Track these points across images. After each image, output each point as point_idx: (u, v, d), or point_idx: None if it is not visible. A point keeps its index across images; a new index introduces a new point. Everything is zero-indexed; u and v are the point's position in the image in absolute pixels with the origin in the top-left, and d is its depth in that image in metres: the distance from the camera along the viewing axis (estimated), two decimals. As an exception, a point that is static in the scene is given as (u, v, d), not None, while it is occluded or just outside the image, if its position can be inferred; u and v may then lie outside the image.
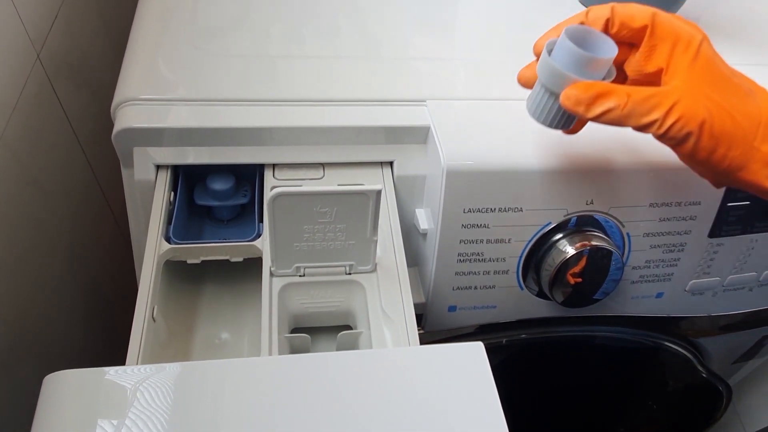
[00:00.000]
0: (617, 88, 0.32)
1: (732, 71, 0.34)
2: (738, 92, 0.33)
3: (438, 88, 0.46)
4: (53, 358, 0.56)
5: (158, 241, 0.38)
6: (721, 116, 0.32)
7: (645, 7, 0.34)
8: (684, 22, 0.34)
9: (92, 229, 0.65)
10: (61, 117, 0.58)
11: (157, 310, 0.36)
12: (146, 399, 0.28)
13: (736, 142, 0.32)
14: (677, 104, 0.32)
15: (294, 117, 0.42)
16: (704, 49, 0.33)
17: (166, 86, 0.43)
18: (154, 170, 0.41)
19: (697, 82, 0.32)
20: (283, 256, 0.37)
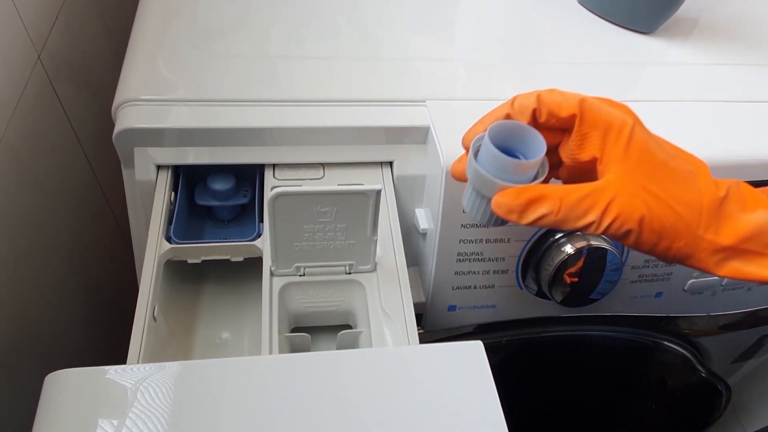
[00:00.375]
0: (549, 193, 0.31)
1: (669, 153, 0.32)
2: (676, 178, 0.31)
3: (438, 89, 0.46)
4: (54, 357, 0.56)
5: (159, 241, 0.38)
6: (661, 209, 0.30)
7: (572, 95, 0.32)
8: (614, 106, 0.32)
9: (93, 230, 0.65)
10: (61, 117, 0.58)
11: (157, 310, 0.36)
12: (147, 398, 0.28)
13: (679, 234, 0.31)
14: (613, 202, 0.30)
15: (294, 117, 0.42)
16: (637, 134, 0.31)
17: (167, 87, 0.43)
18: (154, 170, 0.41)
19: (632, 173, 0.31)
20: (284, 255, 0.37)
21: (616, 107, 0.32)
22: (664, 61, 0.52)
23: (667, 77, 0.51)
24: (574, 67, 0.50)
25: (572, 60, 0.51)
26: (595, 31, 0.54)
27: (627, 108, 0.32)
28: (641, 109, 0.47)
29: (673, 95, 0.49)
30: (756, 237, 0.31)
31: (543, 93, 0.33)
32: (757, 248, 0.31)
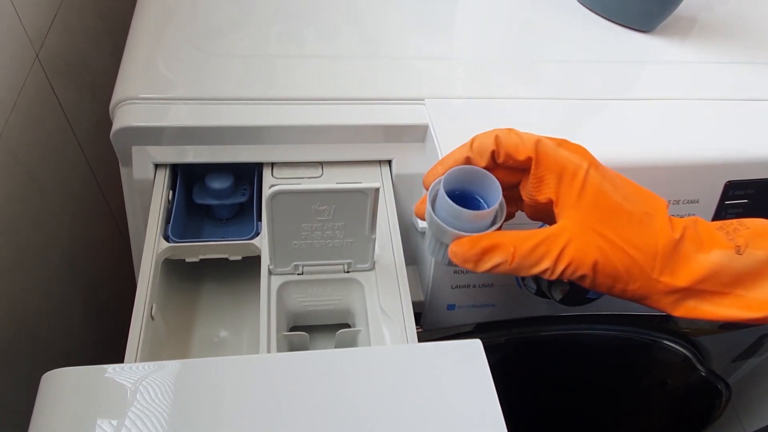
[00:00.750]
0: (502, 243, 0.31)
1: (624, 195, 0.32)
2: (631, 221, 0.31)
3: (436, 87, 0.46)
4: (51, 356, 0.56)
5: (157, 240, 0.38)
6: (615, 254, 0.31)
7: (528, 137, 0.32)
8: (570, 149, 0.32)
9: (91, 228, 0.65)
10: (60, 116, 0.58)
11: (155, 309, 0.36)
12: (145, 397, 0.28)
13: (633, 277, 0.31)
14: (567, 248, 0.31)
15: (292, 116, 0.42)
16: (591, 178, 0.31)
17: (165, 85, 0.43)
18: (152, 169, 0.41)
19: (586, 218, 0.31)
20: (282, 254, 0.37)
21: (572, 149, 0.32)
22: (663, 60, 0.52)
23: (666, 76, 0.51)
24: (572, 66, 0.50)
25: (571, 58, 0.51)
26: (594, 30, 0.54)
27: (583, 150, 0.33)
28: (640, 107, 0.48)
29: (672, 94, 0.49)
30: (711, 277, 0.31)
31: (501, 134, 0.33)
32: (713, 288, 0.32)
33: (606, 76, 0.50)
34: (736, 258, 0.31)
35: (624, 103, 0.47)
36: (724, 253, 0.31)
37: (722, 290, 0.32)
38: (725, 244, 0.32)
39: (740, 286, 0.32)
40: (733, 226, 0.33)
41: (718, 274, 0.31)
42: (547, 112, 0.46)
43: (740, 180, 0.44)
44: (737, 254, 0.31)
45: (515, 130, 0.33)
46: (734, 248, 0.31)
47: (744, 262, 0.31)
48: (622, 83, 0.50)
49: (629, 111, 0.47)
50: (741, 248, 0.31)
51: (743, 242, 0.31)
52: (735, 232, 0.32)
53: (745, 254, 0.31)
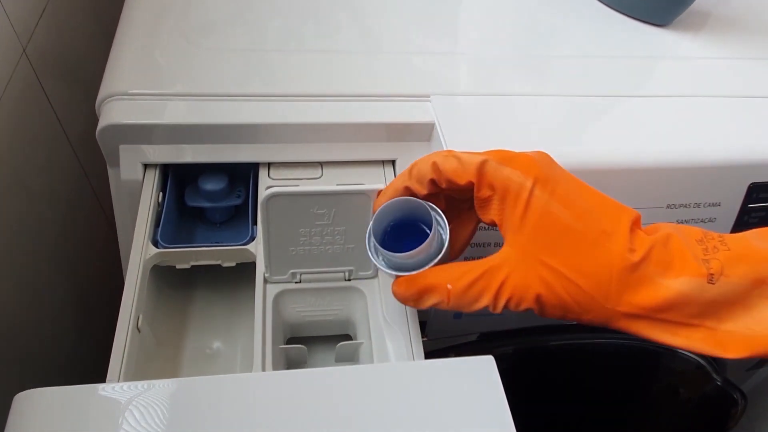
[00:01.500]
0: (437, 283, 0.29)
1: (577, 212, 0.28)
2: (582, 244, 0.28)
3: (443, 83, 0.43)
4: (40, 365, 0.54)
5: (145, 245, 0.36)
6: (561, 285, 0.28)
7: (470, 159, 0.29)
8: (515, 165, 0.29)
9: (83, 232, 0.63)
10: (49, 115, 0.56)
11: (142, 320, 0.33)
12: (128, 421, 0.25)
13: (585, 308, 0.28)
14: (506, 283, 0.28)
15: (290, 113, 0.40)
16: (536, 199, 0.28)
17: (156, 80, 0.40)
18: (141, 169, 0.39)
19: (528, 245, 0.28)
20: (278, 261, 0.34)
21: (518, 165, 0.29)
22: (679, 55, 0.50)
23: (683, 72, 0.48)
24: (584, 61, 0.48)
25: (583, 53, 0.49)
26: (606, 23, 0.52)
27: (530, 164, 0.29)
28: (655, 105, 0.45)
29: (689, 90, 0.46)
30: (676, 307, 0.27)
31: (439, 160, 0.30)
32: (679, 318, 0.28)
33: (619, 72, 0.47)
34: (708, 287, 0.27)
35: (637, 100, 0.45)
36: (694, 282, 0.27)
37: (690, 322, 0.28)
38: (696, 270, 0.27)
39: (711, 317, 0.28)
40: (713, 242, 0.28)
41: (685, 305, 0.27)
42: (558, 110, 0.43)
43: (765, 182, 0.42)
44: (709, 283, 0.27)
45: (455, 153, 0.30)
46: (706, 276, 0.27)
47: (716, 292, 0.27)
48: (636, 79, 0.47)
49: (643, 109, 0.44)
50: (714, 276, 0.27)
51: (717, 268, 0.27)
52: (713, 252, 0.28)
53: (719, 283, 0.27)
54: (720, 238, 0.29)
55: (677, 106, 0.45)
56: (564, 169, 0.31)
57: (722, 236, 0.29)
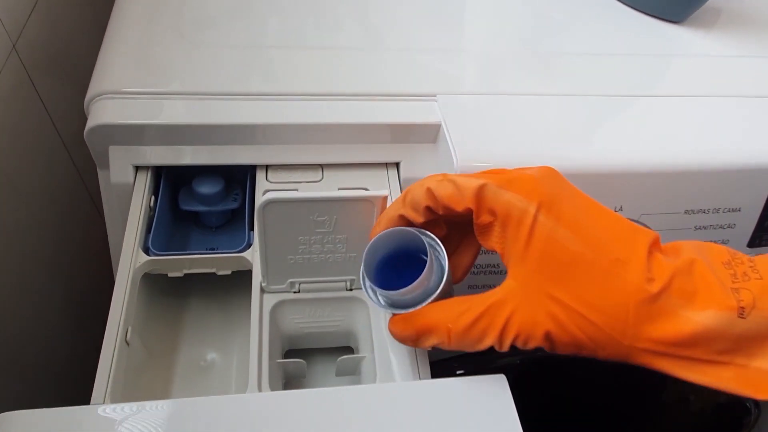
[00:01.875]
0: (436, 324, 0.27)
1: (588, 238, 0.26)
2: (594, 275, 0.25)
3: (450, 82, 0.42)
4: (35, 373, 0.52)
5: (135, 253, 0.34)
6: (572, 321, 0.25)
7: (468, 183, 0.27)
8: (517, 188, 0.26)
9: (78, 235, 0.61)
10: (41, 113, 0.54)
11: (131, 333, 0.31)
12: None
13: (600, 345, 0.25)
14: (512, 320, 0.25)
15: (289, 113, 0.38)
16: (540, 225, 0.25)
17: (147, 78, 0.38)
18: (132, 171, 0.37)
19: (534, 277, 0.25)
20: (276, 270, 0.32)
21: (520, 189, 0.26)
22: (695, 53, 0.48)
23: (700, 70, 0.46)
24: (596, 59, 0.46)
25: (595, 51, 0.47)
26: (618, 20, 0.50)
27: (535, 187, 0.26)
28: (671, 105, 0.43)
29: (707, 90, 0.44)
30: (701, 343, 0.24)
31: (433, 186, 0.27)
32: (705, 356, 0.24)
33: (632, 71, 0.45)
34: (738, 322, 0.24)
35: (652, 100, 0.43)
36: (722, 315, 0.24)
37: (717, 359, 0.25)
38: (725, 302, 0.24)
39: (741, 354, 0.24)
40: (743, 267, 0.25)
41: (712, 340, 0.24)
42: (571, 110, 0.41)
43: (788, 187, 0.40)
44: (740, 317, 0.24)
45: (451, 176, 0.28)
46: (736, 309, 0.24)
47: (747, 326, 0.24)
48: (650, 78, 0.45)
49: (658, 109, 0.42)
50: (746, 310, 0.24)
51: (749, 301, 0.24)
52: (744, 280, 0.25)
53: (751, 317, 0.24)
54: (750, 262, 0.26)
55: (694, 107, 0.43)
56: (572, 187, 0.28)
57: (753, 260, 0.26)
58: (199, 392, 0.34)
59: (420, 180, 0.29)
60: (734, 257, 0.26)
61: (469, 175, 0.27)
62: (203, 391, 0.35)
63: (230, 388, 0.35)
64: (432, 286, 0.27)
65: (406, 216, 0.29)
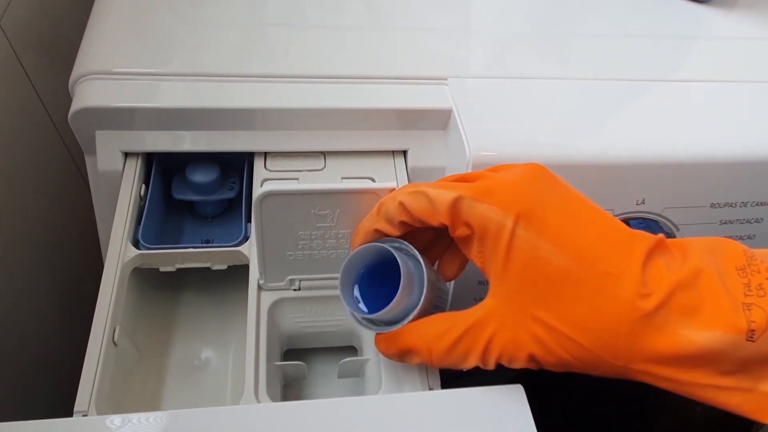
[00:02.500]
0: (416, 345, 0.25)
1: (574, 251, 0.23)
2: (580, 293, 0.23)
3: (461, 65, 0.39)
4: (25, 366, 0.50)
5: (123, 246, 0.32)
6: (558, 343, 0.23)
7: (442, 197, 0.24)
8: (493, 200, 0.24)
9: (72, 223, 0.59)
10: (30, 95, 0.51)
11: (119, 331, 0.29)
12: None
13: (590, 366, 0.23)
14: (493, 341, 0.24)
15: (290, 96, 0.36)
16: (519, 240, 0.23)
17: (137, 58, 0.36)
18: (121, 158, 0.35)
19: (515, 297, 0.23)
20: (274, 266, 0.30)
21: (496, 201, 0.24)
22: (722, 35, 0.45)
23: (726, 54, 0.44)
24: (616, 41, 0.44)
25: (615, 32, 0.44)
26: (640, -1, 0.47)
27: (514, 196, 0.24)
28: (694, 91, 0.41)
29: (732, 75, 0.42)
30: (702, 364, 0.22)
31: (405, 200, 0.25)
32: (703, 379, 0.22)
33: (653, 54, 0.43)
34: (745, 344, 0.21)
35: (674, 85, 0.41)
36: (729, 338, 0.21)
37: (720, 383, 0.22)
38: (732, 322, 0.21)
39: (747, 376, 0.22)
40: (759, 277, 0.22)
41: (714, 362, 0.22)
42: (588, 95, 0.39)
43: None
44: (748, 340, 0.21)
45: (424, 189, 0.25)
46: (745, 332, 0.21)
47: (756, 349, 0.22)
48: (673, 62, 0.43)
49: (681, 95, 0.40)
50: (756, 333, 0.21)
51: (761, 322, 0.21)
52: (758, 293, 0.22)
53: (761, 339, 0.21)
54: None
55: (720, 93, 0.40)
56: (563, 188, 0.25)
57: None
58: (193, 395, 0.33)
59: (393, 192, 0.27)
60: (750, 261, 0.23)
61: (444, 185, 0.25)
62: (197, 394, 0.33)
63: (226, 390, 0.33)
64: (412, 303, 0.26)
65: (381, 230, 0.27)
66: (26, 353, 0.51)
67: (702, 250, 0.23)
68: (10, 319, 0.47)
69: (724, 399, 0.22)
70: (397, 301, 0.25)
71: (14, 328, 0.48)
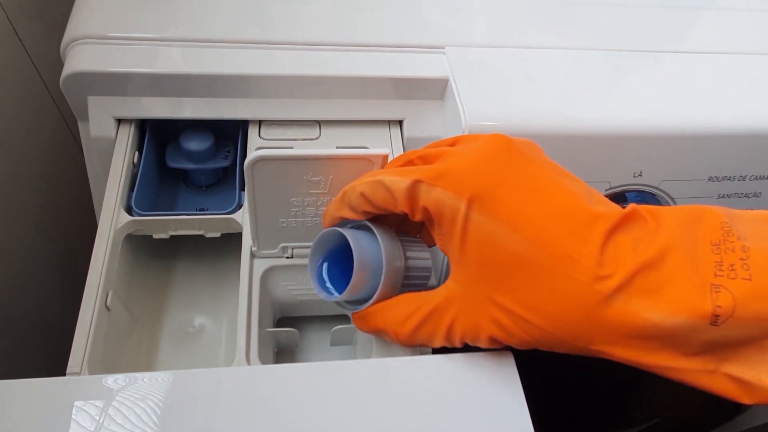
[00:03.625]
0: (384, 328, 0.26)
1: (529, 235, 0.22)
2: (537, 277, 0.22)
3: (459, 33, 0.38)
4: (24, 333, 0.51)
5: (116, 213, 0.32)
6: (518, 326, 0.23)
7: (397, 185, 0.24)
8: (447, 184, 0.23)
9: (68, 191, 0.59)
10: (25, 62, 0.51)
11: (112, 296, 0.29)
12: (82, 419, 0.22)
13: (552, 346, 0.23)
14: (455, 324, 0.24)
15: (285, 63, 0.35)
16: (473, 225, 0.23)
17: (130, 22, 0.35)
18: (114, 125, 0.34)
19: (473, 281, 0.23)
20: (266, 233, 0.30)
21: (450, 185, 0.23)
22: (728, 6, 0.44)
23: (731, 25, 0.43)
24: (618, 10, 0.43)
25: (618, 1, 0.43)
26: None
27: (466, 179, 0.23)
28: (699, 62, 0.40)
29: (736, 47, 0.41)
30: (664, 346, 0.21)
31: (365, 190, 0.25)
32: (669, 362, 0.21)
33: (657, 24, 0.42)
34: (709, 329, 0.21)
35: (677, 56, 0.40)
36: (692, 323, 0.20)
37: (684, 366, 0.22)
38: (697, 306, 0.20)
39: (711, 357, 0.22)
40: (733, 256, 0.21)
41: (676, 345, 0.21)
42: (589, 65, 0.38)
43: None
44: (712, 325, 0.20)
45: (381, 178, 0.25)
46: (709, 317, 0.20)
47: (720, 333, 0.21)
48: (676, 33, 0.42)
49: (683, 66, 0.39)
50: (721, 318, 0.20)
51: (728, 306, 0.20)
52: (729, 274, 0.21)
53: (725, 325, 0.20)
54: (743, 252, 0.21)
55: (722, 65, 0.40)
56: (524, 161, 0.24)
57: (747, 249, 0.21)
58: (186, 360, 0.33)
59: (354, 181, 0.26)
60: (727, 237, 0.21)
61: (400, 171, 0.25)
62: (191, 359, 0.33)
63: (219, 356, 0.33)
64: (373, 283, 0.26)
65: (346, 217, 0.27)
66: (23, 318, 0.51)
67: (677, 222, 0.22)
68: (5, 284, 0.48)
69: (690, 379, 0.22)
70: (354, 283, 0.25)
71: (10, 293, 0.49)
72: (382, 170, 0.26)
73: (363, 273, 0.25)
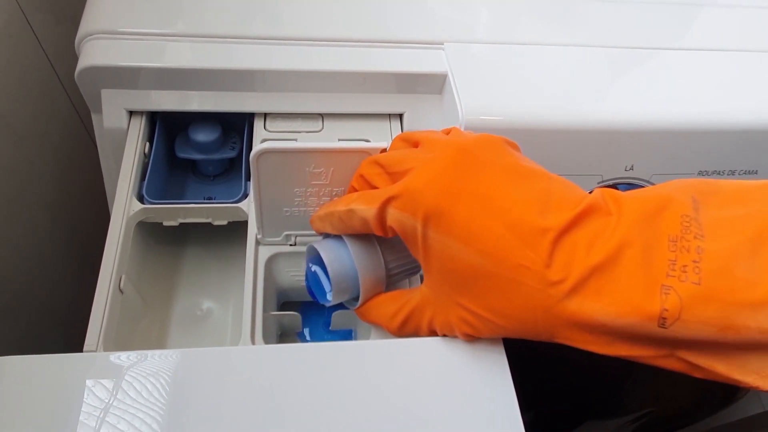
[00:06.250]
0: (377, 322, 0.29)
1: (482, 248, 0.23)
2: (494, 286, 0.23)
3: (459, 29, 0.39)
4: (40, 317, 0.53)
5: (128, 201, 0.33)
6: (484, 325, 0.25)
7: (365, 213, 0.26)
8: (403, 205, 0.24)
9: (82, 179, 0.60)
10: (37, 53, 0.52)
11: (125, 280, 0.31)
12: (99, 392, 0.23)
13: (521, 337, 0.25)
14: (432, 322, 0.27)
15: (290, 58, 0.36)
16: (432, 242, 0.24)
17: (141, 18, 0.37)
18: (126, 116, 0.36)
19: (441, 288, 0.25)
20: (271, 222, 0.32)
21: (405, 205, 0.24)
22: (727, 3, 0.45)
23: (729, 22, 0.44)
24: (617, 7, 0.43)
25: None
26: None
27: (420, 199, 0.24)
28: (696, 59, 0.41)
29: (731, 44, 0.42)
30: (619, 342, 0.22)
31: (345, 218, 0.27)
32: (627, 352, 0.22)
33: (655, 21, 0.43)
34: (656, 330, 0.21)
35: (674, 53, 0.41)
36: (639, 323, 0.21)
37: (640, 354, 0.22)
38: (644, 309, 0.21)
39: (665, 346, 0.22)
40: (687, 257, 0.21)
41: (632, 342, 0.22)
42: (587, 62, 0.39)
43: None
44: (660, 327, 0.21)
45: (353, 207, 0.27)
46: (657, 319, 0.21)
47: (668, 334, 0.21)
48: (675, 30, 0.43)
49: (679, 63, 0.40)
50: (667, 321, 0.21)
51: (674, 311, 0.21)
52: (680, 276, 0.21)
53: (673, 327, 0.21)
54: (698, 253, 0.21)
55: (717, 62, 0.40)
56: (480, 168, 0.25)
57: (701, 250, 0.21)
58: (194, 341, 0.35)
59: (334, 206, 0.28)
60: (685, 233, 0.21)
61: (367, 198, 0.26)
62: (199, 341, 0.35)
63: (226, 338, 0.35)
64: (353, 288, 0.29)
65: (330, 233, 0.29)
66: (40, 302, 0.53)
67: (638, 213, 0.22)
68: (22, 271, 0.49)
69: (645, 361, 0.23)
70: (334, 293, 0.28)
71: (27, 278, 0.50)
72: (354, 196, 0.27)
73: (340, 285, 0.28)
